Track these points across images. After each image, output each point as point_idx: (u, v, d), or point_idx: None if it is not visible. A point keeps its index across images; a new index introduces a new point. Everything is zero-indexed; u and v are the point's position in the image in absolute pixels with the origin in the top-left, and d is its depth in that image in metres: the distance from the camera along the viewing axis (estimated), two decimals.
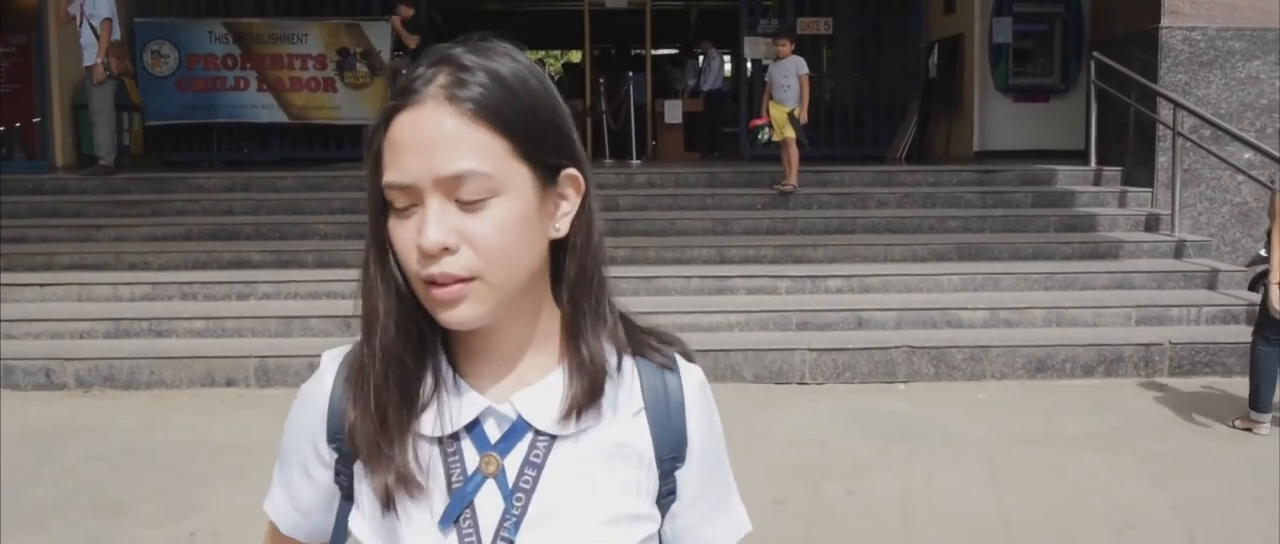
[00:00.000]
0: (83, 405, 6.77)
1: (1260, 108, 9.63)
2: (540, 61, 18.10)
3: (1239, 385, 7.14)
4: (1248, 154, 9.02)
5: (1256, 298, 8.05)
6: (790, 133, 9.66)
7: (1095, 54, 10.19)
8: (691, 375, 1.24)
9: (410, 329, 1.13)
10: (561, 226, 1.13)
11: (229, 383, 7.08)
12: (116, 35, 10.59)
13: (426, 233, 1.04)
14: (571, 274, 1.15)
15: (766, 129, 9.98)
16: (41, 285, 8.13)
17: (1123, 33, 10.26)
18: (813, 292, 8.19)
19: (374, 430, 1.12)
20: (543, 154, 1.09)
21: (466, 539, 1.12)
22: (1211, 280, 8.32)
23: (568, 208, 1.13)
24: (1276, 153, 8.66)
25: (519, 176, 1.07)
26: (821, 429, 6.21)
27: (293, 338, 7.57)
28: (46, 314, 7.77)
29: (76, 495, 5.17)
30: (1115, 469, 5.50)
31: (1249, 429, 6.17)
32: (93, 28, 10.20)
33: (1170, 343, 7.37)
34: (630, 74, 13.45)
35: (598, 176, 10.60)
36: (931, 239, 9.03)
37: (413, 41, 12.16)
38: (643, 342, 1.23)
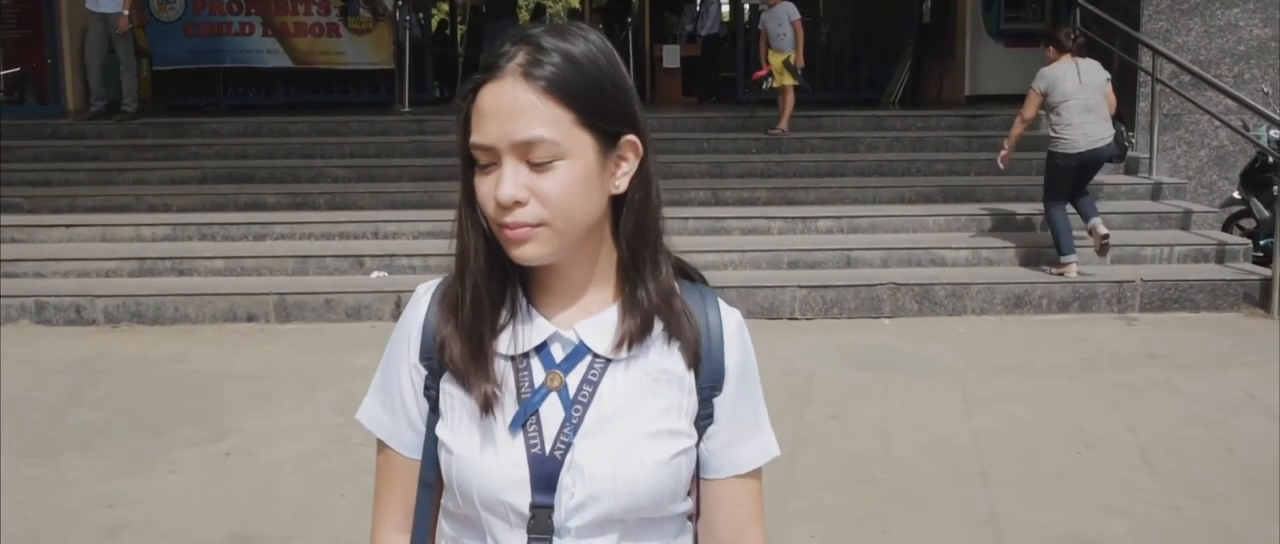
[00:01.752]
0: (113, 339, 7.17)
1: (1239, 54, 9.96)
2: (540, 6, 18.27)
3: (1206, 319, 7.59)
4: (1225, 99, 9.35)
5: (1228, 238, 8.47)
6: (789, 80, 9.97)
7: (1080, 1, 10.48)
8: (731, 315, 1.43)
9: (495, 265, 1.33)
10: (620, 184, 1.31)
11: (250, 318, 7.48)
12: None
13: (502, 188, 1.24)
14: (629, 225, 1.33)
15: (769, 78, 10.30)
16: (67, 226, 8.50)
17: None
18: (803, 232, 8.57)
19: (464, 347, 1.34)
20: (604, 122, 1.27)
21: (531, 441, 1.32)
22: (1185, 221, 8.70)
23: (627, 168, 1.31)
24: (1251, 100, 9.01)
25: (582, 142, 1.26)
26: (809, 361, 6.62)
27: (308, 276, 7.96)
28: (73, 254, 8.15)
29: (117, 419, 5.58)
30: (1080, 396, 5.92)
31: (1062, 272, 7.80)
32: None
33: (1142, 280, 7.76)
34: (629, 20, 13.70)
35: None
36: (918, 182, 9.40)
37: None
38: (690, 284, 1.43)
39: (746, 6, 14.78)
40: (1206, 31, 9.94)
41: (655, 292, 1.36)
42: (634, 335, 1.35)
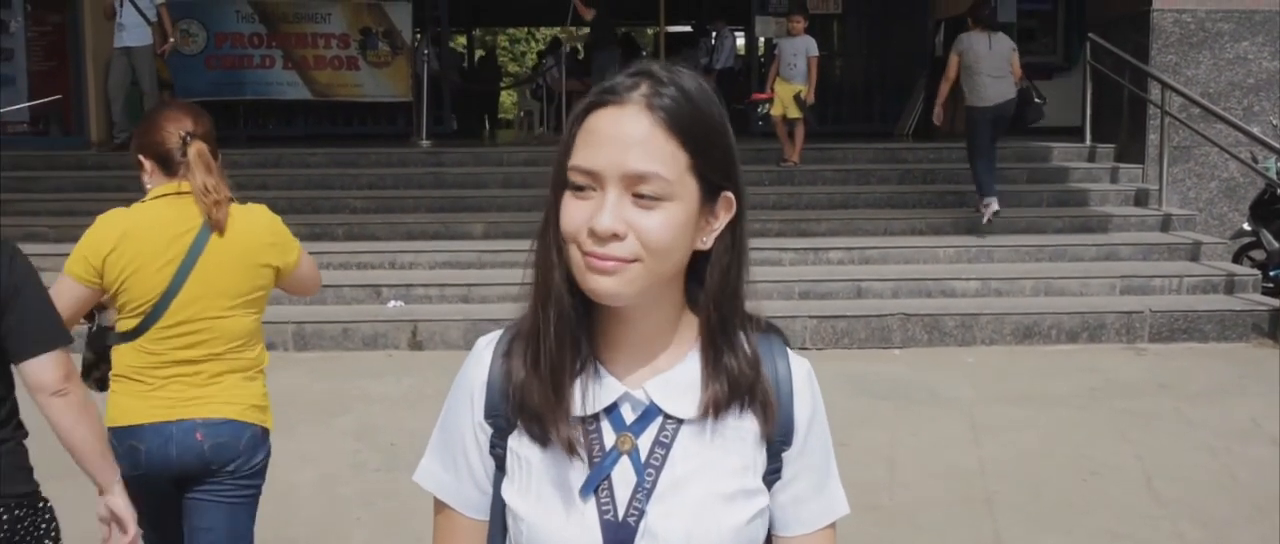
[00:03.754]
0: None
1: (1248, 87, 10.04)
2: (556, 39, 18.48)
3: (1215, 349, 7.64)
4: (1234, 132, 9.42)
5: (1237, 269, 8.53)
6: (796, 114, 10.08)
7: (1090, 35, 10.58)
8: (800, 366, 1.38)
9: (578, 304, 1.27)
10: (707, 241, 1.27)
11: (269, 346, 7.57)
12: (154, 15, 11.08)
13: (601, 218, 1.19)
14: (716, 285, 1.29)
15: (767, 105, 10.41)
16: None
17: (1117, 14, 10.65)
18: (815, 263, 8.67)
19: (543, 389, 1.28)
20: (711, 172, 1.24)
21: (604, 507, 1.28)
22: (1194, 252, 8.76)
23: (717, 225, 1.27)
24: (1260, 132, 9.08)
25: (689, 187, 1.22)
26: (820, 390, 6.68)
27: (326, 305, 8.07)
28: None
29: None
30: (1088, 425, 5.98)
31: (983, 211, 8.92)
32: (136, 8, 10.66)
33: (1151, 311, 7.82)
34: (644, 53, 13.87)
35: None
36: (929, 214, 9.50)
37: (589, 13, 12.16)
38: (762, 334, 1.37)
39: (761, 40, 14.96)
40: (1215, 65, 10.03)
41: (744, 361, 1.32)
42: (720, 403, 1.30)
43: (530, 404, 1.29)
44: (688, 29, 18.49)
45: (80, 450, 2.50)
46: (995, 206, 8.93)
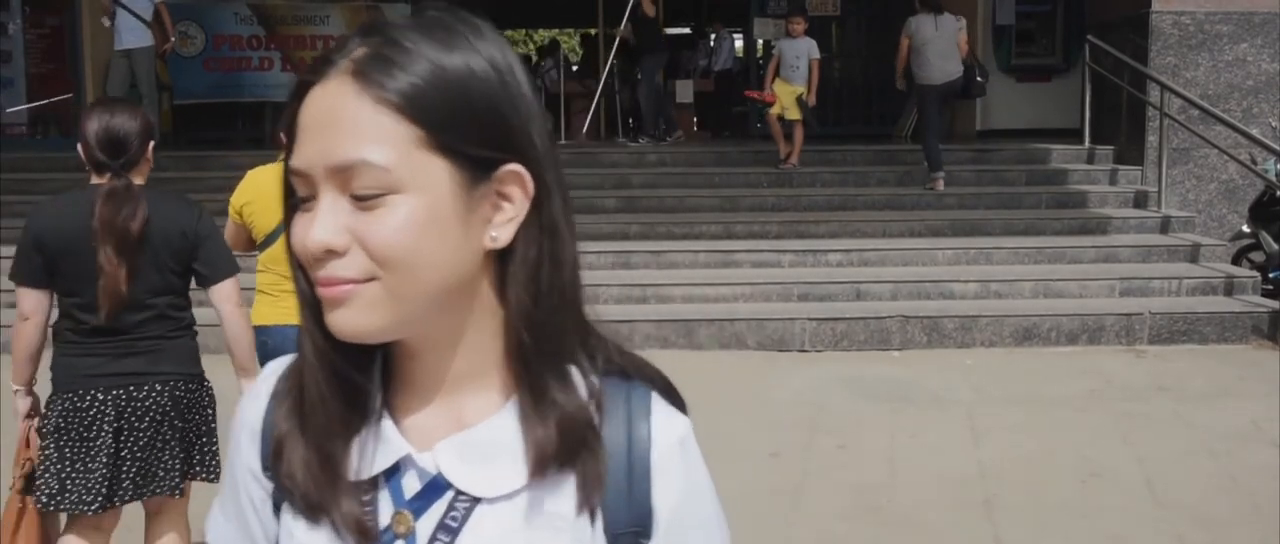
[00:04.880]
0: None
1: (1247, 89, 10.03)
2: (554, 41, 18.46)
3: (1215, 351, 7.64)
4: (1234, 134, 9.42)
5: (1236, 270, 8.53)
6: (795, 115, 10.08)
7: (1089, 37, 10.58)
8: (668, 429, 1.02)
9: (342, 346, 0.96)
10: (500, 235, 0.94)
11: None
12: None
13: (311, 230, 0.91)
14: (520, 297, 0.95)
15: (765, 103, 10.42)
16: None
17: (1116, 16, 10.64)
18: (814, 265, 8.66)
19: (308, 447, 0.98)
20: (469, 145, 0.92)
21: None
22: (1193, 254, 8.75)
23: (511, 213, 0.94)
24: (1259, 134, 9.09)
25: (430, 171, 0.91)
26: (818, 392, 6.69)
27: None
28: None
29: None
30: (1088, 427, 5.97)
31: (933, 186, 9.75)
32: (131, 11, 10.65)
33: (1150, 313, 7.82)
34: (645, 55, 13.82)
35: (609, 156, 10.96)
36: (928, 215, 9.49)
37: (653, 9, 12.12)
38: (616, 379, 1.02)
39: (759, 42, 14.97)
40: (1214, 67, 10.02)
41: (576, 407, 0.97)
42: (538, 472, 0.96)
43: (289, 468, 0.98)
44: (686, 31, 18.48)
45: (241, 346, 3.50)
46: (942, 184, 9.81)
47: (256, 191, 4.07)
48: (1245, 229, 9.32)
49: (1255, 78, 10.03)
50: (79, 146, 3.39)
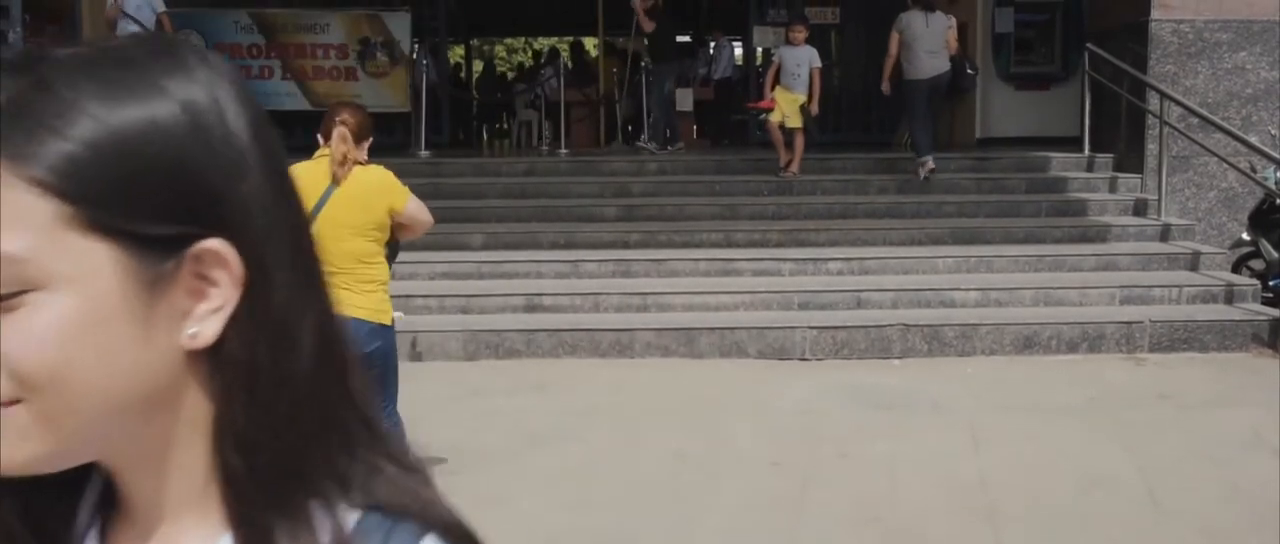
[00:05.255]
0: None
1: (1246, 97, 10.05)
2: (553, 49, 18.46)
3: (1215, 359, 7.65)
4: (1233, 142, 9.44)
5: (1237, 278, 8.53)
6: (796, 122, 10.09)
7: (1088, 45, 10.60)
8: None
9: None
10: (202, 331, 0.71)
11: None
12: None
13: None
14: (229, 410, 0.72)
15: (765, 113, 10.43)
16: None
17: (1115, 24, 10.66)
18: (814, 273, 8.66)
19: None
20: (139, 222, 0.69)
21: None
22: (1193, 262, 8.76)
23: (218, 300, 0.71)
24: (1259, 142, 9.10)
25: (87, 257, 0.68)
26: (819, 401, 6.69)
27: None
28: None
29: None
30: (1089, 436, 5.97)
31: (920, 170, 10.01)
32: (137, 21, 10.66)
33: (1151, 321, 7.82)
34: (644, 63, 13.87)
35: (609, 164, 10.98)
36: (928, 223, 9.50)
37: (650, 25, 12.12)
38: (375, 514, 0.75)
39: (759, 51, 14.98)
40: (1214, 74, 10.03)
41: None
42: None
43: None
44: (686, 39, 18.51)
45: None
46: (931, 164, 10.04)
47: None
48: (1245, 237, 9.31)
49: (1254, 86, 10.04)
50: None
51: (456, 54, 22.05)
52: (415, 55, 13.73)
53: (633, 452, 5.72)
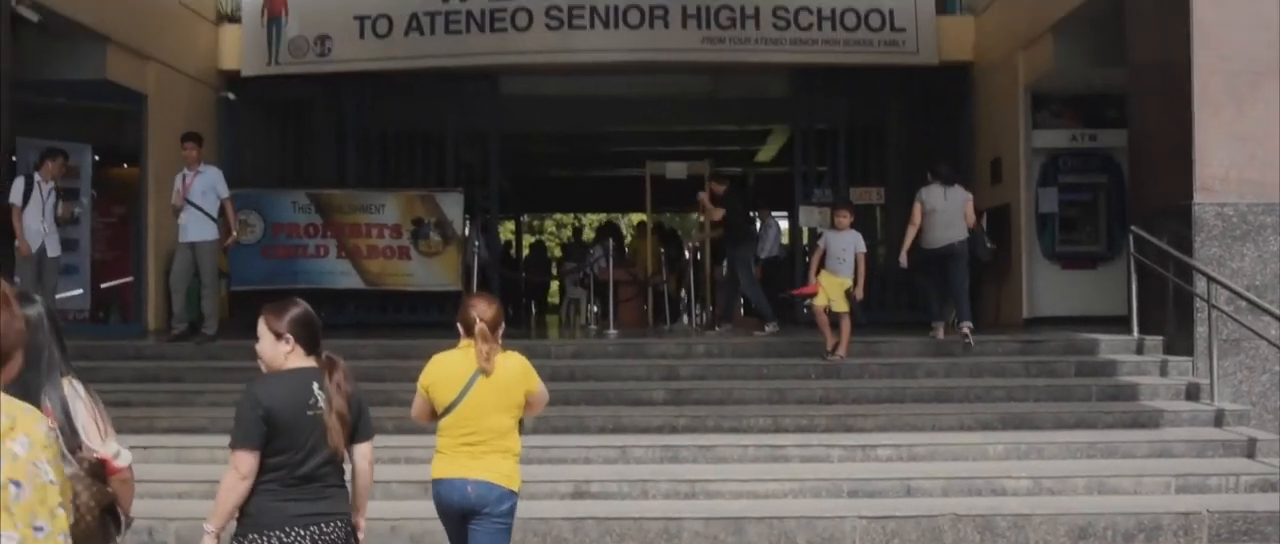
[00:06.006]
0: None
1: None
2: (602, 228, 18.73)
3: None
4: None
5: None
6: (843, 307, 10.17)
7: (1132, 228, 10.66)
8: None
9: None
10: None
11: None
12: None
13: None
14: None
15: (811, 298, 10.53)
16: (145, 448, 8.74)
17: (1159, 206, 10.72)
18: (863, 460, 8.62)
19: None
20: None
21: None
22: (1250, 449, 8.63)
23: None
24: None
25: None
26: None
27: (374, 501, 8.07)
28: (148, 475, 8.34)
29: None
30: None
31: (933, 333, 10.83)
32: (200, 208, 11.01)
33: (1208, 511, 7.67)
34: (690, 243, 14.11)
35: (657, 346, 11.03)
36: (978, 408, 9.45)
37: (717, 214, 12.50)
38: None
39: (805, 228, 15.18)
40: (1260, 257, 10.03)
41: None
42: None
43: None
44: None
45: (366, 493, 4.40)
46: (941, 333, 10.78)
47: (439, 373, 5.07)
48: None
49: None
50: (287, 332, 4.22)
51: (506, 230, 22.51)
52: (467, 233, 14.04)
53: None
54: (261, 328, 4.30)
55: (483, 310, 5.03)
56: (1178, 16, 10.11)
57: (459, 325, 5.16)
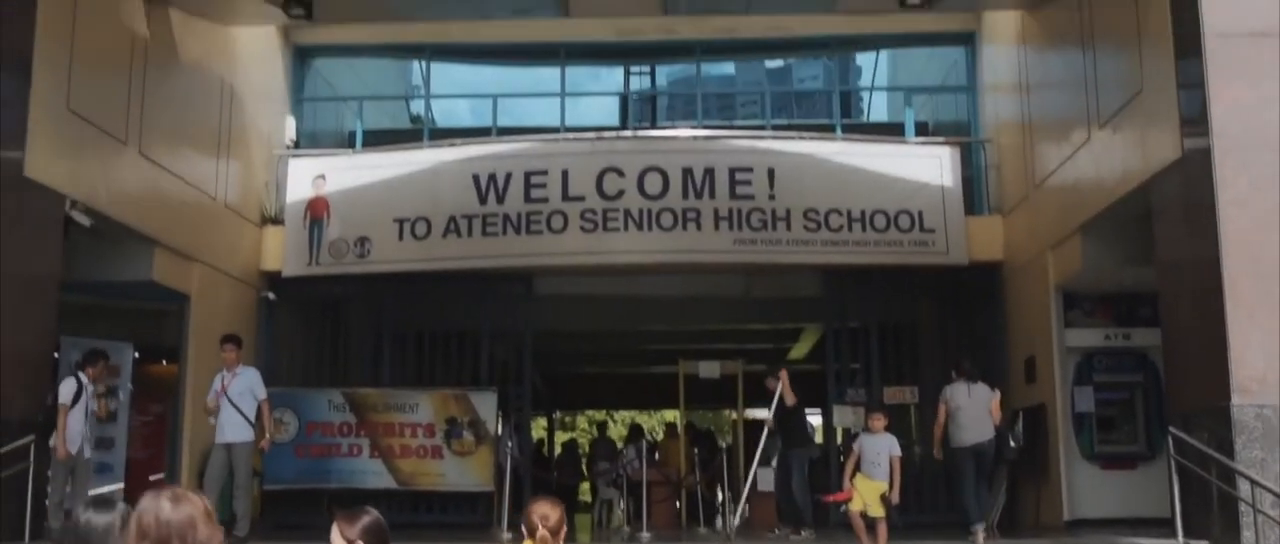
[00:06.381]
0: None
1: None
2: (636, 427, 18.67)
3: None
4: None
5: None
6: (879, 511, 10.04)
7: (1171, 429, 10.51)
8: None
9: None
10: None
11: None
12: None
13: None
14: None
15: (846, 503, 10.38)
16: None
17: (1197, 406, 10.60)
18: None
19: None
20: None
21: None
22: None
23: None
24: None
25: None
26: None
27: None
28: None
29: None
30: None
31: (972, 538, 10.56)
32: (238, 408, 11.08)
33: None
34: (724, 445, 14.03)
35: None
36: None
37: (793, 399, 12.42)
38: None
39: (839, 428, 15.06)
40: None
41: None
42: None
43: None
44: (765, 414, 18.73)
45: None
46: (981, 533, 10.68)
47: None
48: None
49: None
50: (359, 539, 4.22)
51: (539, 427, 22.46)
52: (500, 432, 14.01)
53: None
54: (335, 536, 4.36)
55: (546, 514, 5.16)
56: (1205, 218, 10.20)
57: (522, 528, 5.29)
